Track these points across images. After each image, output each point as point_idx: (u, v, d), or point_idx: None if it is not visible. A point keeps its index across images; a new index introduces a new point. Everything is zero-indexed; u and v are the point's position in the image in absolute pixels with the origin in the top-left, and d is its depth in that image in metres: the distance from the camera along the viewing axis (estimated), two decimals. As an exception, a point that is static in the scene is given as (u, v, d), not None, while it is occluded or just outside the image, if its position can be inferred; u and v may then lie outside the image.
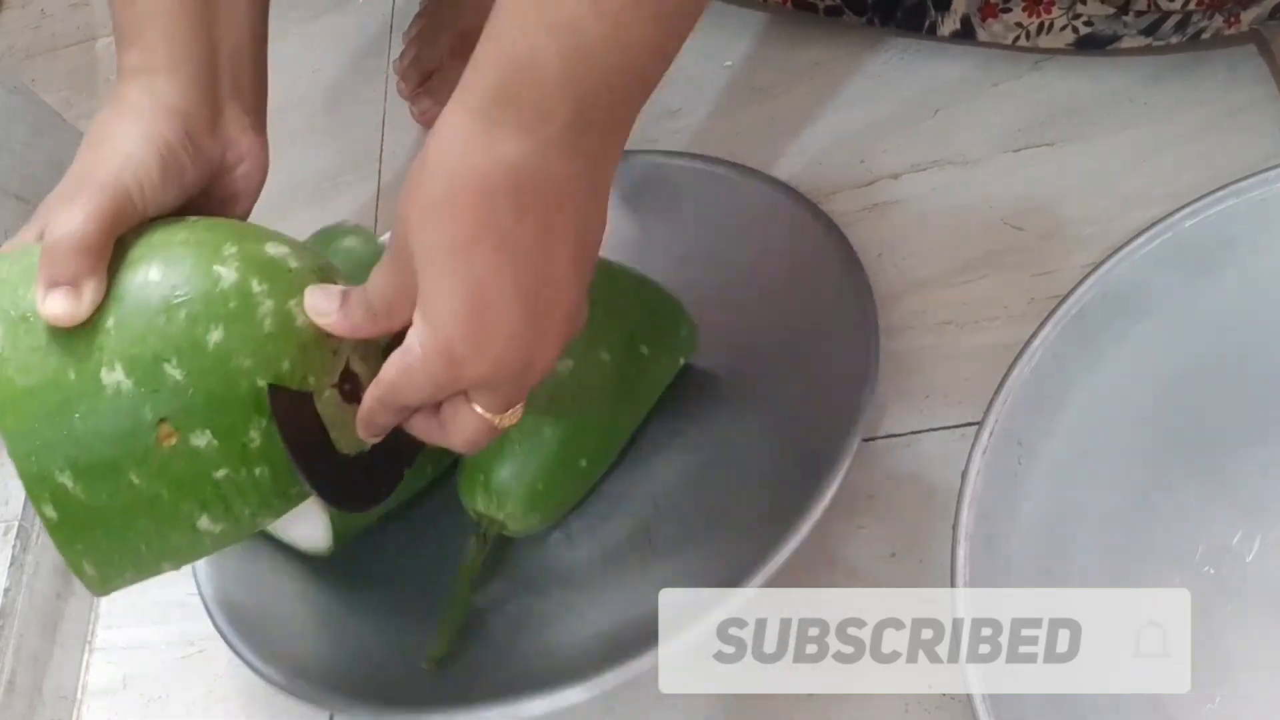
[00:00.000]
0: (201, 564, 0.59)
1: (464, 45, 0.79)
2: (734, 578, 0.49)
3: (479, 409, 0.40)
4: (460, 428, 0.41)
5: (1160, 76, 0.63)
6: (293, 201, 0.82)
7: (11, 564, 0.66)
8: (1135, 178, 0.61)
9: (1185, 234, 0.49)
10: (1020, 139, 0.64)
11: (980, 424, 0.48)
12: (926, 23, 0.66)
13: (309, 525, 0.58)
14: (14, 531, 0.66)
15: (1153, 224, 0.49)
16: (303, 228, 0.80)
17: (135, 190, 0.39)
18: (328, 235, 0.63)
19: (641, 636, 0.49)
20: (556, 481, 0.55)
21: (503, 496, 0.54)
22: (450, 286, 0.36)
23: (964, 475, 0.47)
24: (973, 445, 0.47)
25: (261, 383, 0.38)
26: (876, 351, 0.54)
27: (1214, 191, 0.48)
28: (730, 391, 0.61)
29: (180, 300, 0.37)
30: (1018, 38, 0.64)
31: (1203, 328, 0.49)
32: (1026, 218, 0.62)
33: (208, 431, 0.37)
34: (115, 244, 0.39)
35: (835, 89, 0.70)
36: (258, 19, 0.45)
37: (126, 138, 0.40)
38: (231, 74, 0.44)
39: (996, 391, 0.48)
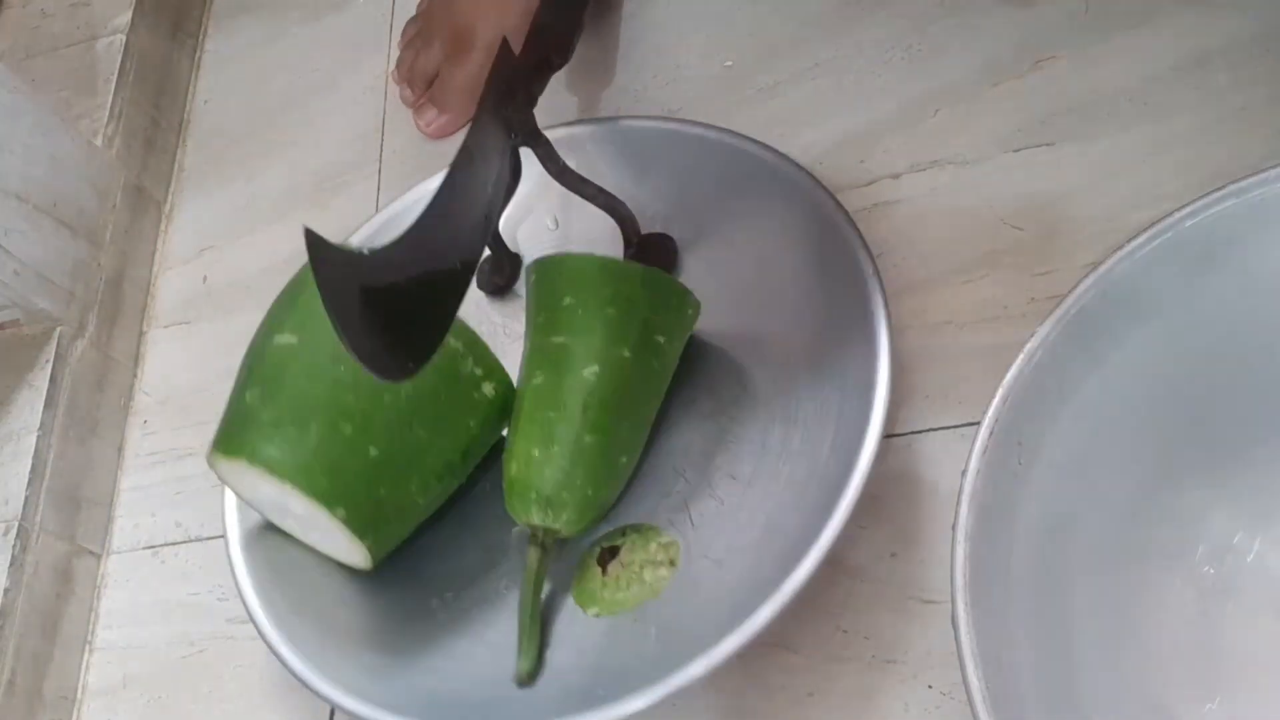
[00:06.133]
0: (245, 580, 0.60)
1: (456, 46, 0.77)
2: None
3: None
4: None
5: (1160, 76, 0.63)
6: (293, 201, 0.82)
7: (11, 564, 0.65)
8: (1135, 178, 0.61)
9: (1185, 234, 0.49)
10: (1020, 139, 0.64)
11: (980, 424, 0.48)
12: None
13: (346, 550, 0.58)
14: (14, 531, 0.66)
15: (1153, 224, 0.49)
16: (302, 228, 0.80)
17: None
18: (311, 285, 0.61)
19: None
20: (603, 483, 0.57)
21: (558, 508, 0.55)
22: None
23: (964, 475, 0.47)
24: (973, 445, 0.47)
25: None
26: (888, 322, 0.54)
27: (1214, 191, 0.48)
28: (737, 358, 0.62)
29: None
30: None
31: (1203, 327, 0.49)
32: (1026, 218, 0.62)
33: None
34: None
35: (835, 89, 0.70)
36: None
37: None
38: None
39: (996, 391, 0.48)
